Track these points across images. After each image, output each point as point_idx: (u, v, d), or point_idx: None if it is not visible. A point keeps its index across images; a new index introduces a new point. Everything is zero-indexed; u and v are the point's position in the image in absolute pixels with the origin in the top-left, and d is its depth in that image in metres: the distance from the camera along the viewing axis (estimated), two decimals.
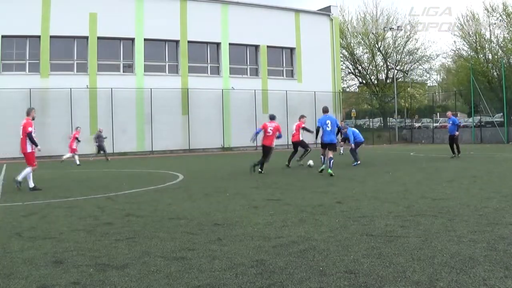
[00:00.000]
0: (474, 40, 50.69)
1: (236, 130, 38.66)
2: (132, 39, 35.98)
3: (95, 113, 34.04)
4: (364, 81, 62.85)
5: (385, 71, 60.99)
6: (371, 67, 61.37)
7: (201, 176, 16.30)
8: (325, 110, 16.24)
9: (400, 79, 59.97)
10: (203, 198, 10.43)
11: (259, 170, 16.43)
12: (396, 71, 58.06)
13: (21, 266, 5.23)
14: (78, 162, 24.03)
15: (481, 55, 50.41)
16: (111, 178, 16.61)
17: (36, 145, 12.82)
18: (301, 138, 19.25)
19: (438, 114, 55.90)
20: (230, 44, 39.61)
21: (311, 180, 14.00)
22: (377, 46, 59.08)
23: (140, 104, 35.84)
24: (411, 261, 5.06)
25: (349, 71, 62.85)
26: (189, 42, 37.96)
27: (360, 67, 61.67)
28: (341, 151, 26.02)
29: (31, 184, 12.71)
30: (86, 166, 23.12)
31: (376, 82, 61.32)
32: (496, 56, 49.43)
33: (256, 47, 41.20)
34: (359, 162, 19.15)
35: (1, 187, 13.81)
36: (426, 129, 50.00)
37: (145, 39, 36.18)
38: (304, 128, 19.12)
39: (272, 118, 17.44)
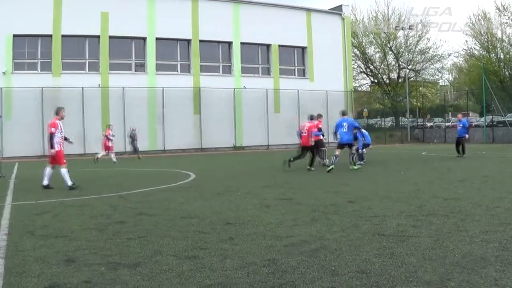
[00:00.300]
0: (485, 40, 50.37)
1: (248, 129, 38.70)
2: (144, 38, 36.10)
3: (107, 112, 34.19)
4: (376, 80, 62.61)
5: (397, 70, 60.70)
6: (382, 66, 61.12)
7: (212, 175, 16.33)
8: (343, 113, 16.96)
9: (412, 78, 59.66)
10: (215, 197, 10.44)
11: (289, 163, 16.66)
12: (408, 70, 57.72)
13: (33, 265, 5.26)
14: (99, 156, 24.49)
15: (493, 55, 50.10)
16: (124, 177, 16.69)
17: (52, 147, 12.50)
18: (321, 137, 18.99)
19: (450, 113, 55.54)
20: (242, 43, 39.63)
21: (324, 179, 13.98)
22: (388, 45, 58.78)
23: (152, 103, 35.92)
24: (423, 261, 5.04)
25: (361, 70, 62.70)
26: (200, 41, 38.00)
27: (372, 66, 61.42)
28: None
29: (46, 182, 12.64)
30: (100, 164, 23.14)
31: (388, 81, 61.03)
32: (508, 56, 49.14)
33: (268, 46, 41.15)
34: (363, 161, 19.03)
35: (13, 186, 13.90)
36: (438, 129, 49.66)
37: (156, 38, 36.29)
38: (319, 130, 18.85)
39: (310, 118, 17.62)
